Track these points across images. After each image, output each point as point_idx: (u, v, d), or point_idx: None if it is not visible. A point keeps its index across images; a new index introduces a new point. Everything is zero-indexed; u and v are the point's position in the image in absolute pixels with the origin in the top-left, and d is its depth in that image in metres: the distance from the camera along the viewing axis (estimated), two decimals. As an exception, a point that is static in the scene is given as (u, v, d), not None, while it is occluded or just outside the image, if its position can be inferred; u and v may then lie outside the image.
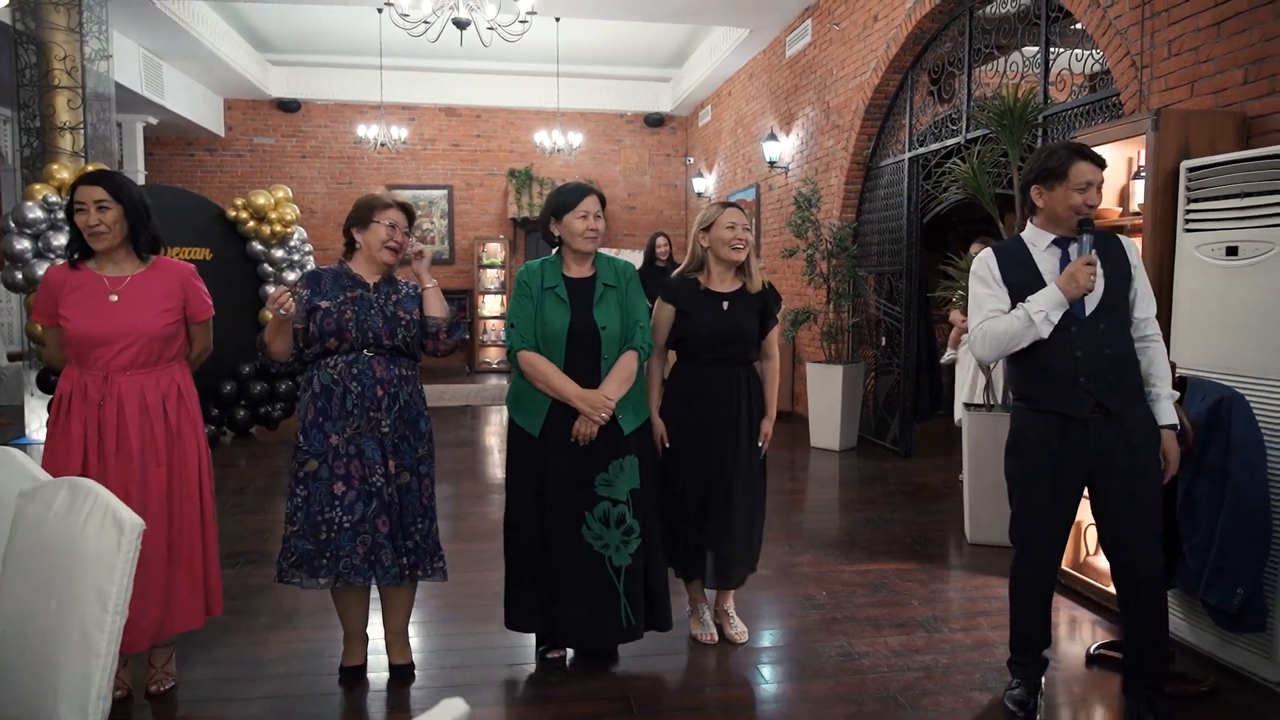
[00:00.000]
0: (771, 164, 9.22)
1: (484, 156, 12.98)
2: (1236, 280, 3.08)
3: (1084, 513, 3.73)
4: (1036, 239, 2.73)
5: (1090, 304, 2.61)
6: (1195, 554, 2.95)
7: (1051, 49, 5.08)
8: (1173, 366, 3.05)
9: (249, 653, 3.22)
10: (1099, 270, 2.60)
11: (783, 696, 3.00)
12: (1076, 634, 3.47)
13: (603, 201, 3.08)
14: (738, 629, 3.36)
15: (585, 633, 3.04)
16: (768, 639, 3.42)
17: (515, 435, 3.04)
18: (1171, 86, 3.84)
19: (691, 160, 13.06)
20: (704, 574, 3.26)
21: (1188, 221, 3.30)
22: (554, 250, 3.09)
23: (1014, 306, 2.65)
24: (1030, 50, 5.32)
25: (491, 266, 12.76)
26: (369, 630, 3.06)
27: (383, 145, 11.55)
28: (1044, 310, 2.57)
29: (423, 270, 2.93)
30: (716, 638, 3.33)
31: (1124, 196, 3.84)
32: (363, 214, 2.86)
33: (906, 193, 6.73)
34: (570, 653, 3.17)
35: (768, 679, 3.09)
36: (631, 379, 2.99)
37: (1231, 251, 3.10)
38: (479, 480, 6.25)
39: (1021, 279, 2.68)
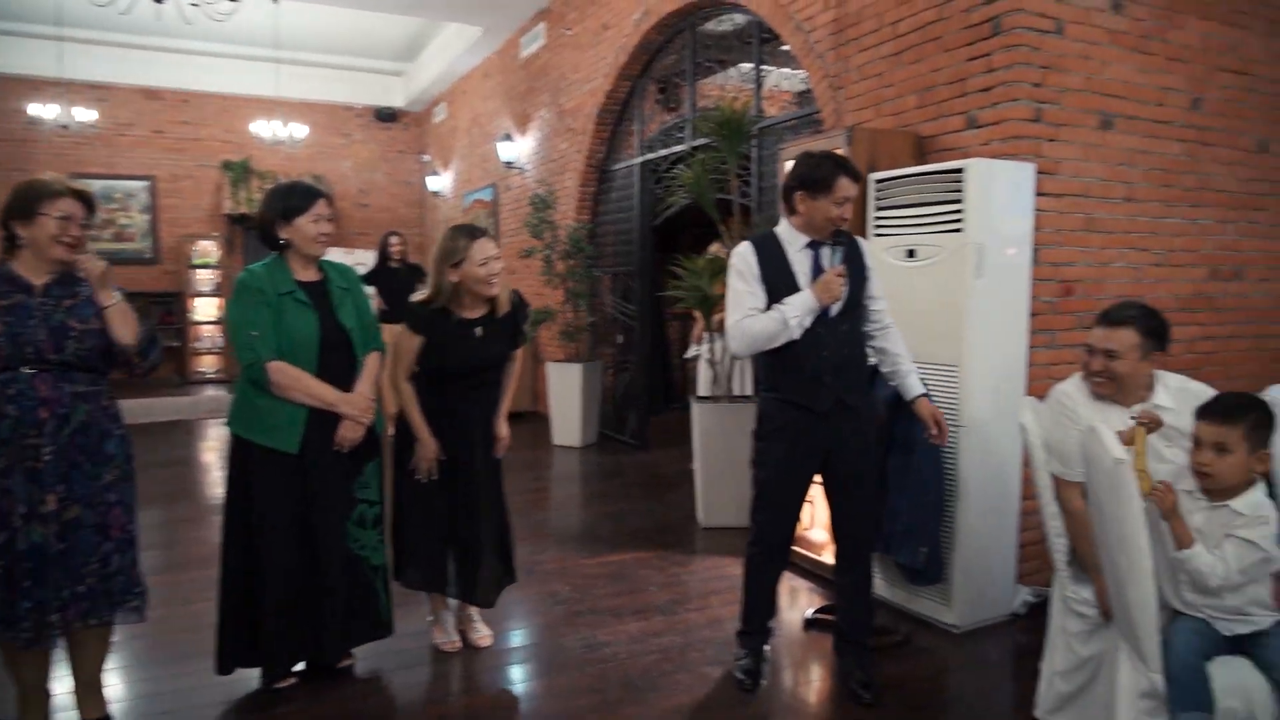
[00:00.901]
0: (509, 164, 9.21)
1: (193, 146, 11.78)
2: (915, 279, 3.51)
3: (799, 492, 4.08)
4: (792, 239, 2.84)
5: (836, 307, 2.82)
6: (889, 519, 3.34)
7: (764, 67, 5.51)
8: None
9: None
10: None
11: (530, 695, 3.00)
12: (795, 602, 3.79)
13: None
14: (482, 633, 3.32)
15: (349, 639, 2.99)
16: (513, 639, 3.42)
17: (259, 459, 2.78)
18: (862, 107, 4.31)
19: (427, 158, 12.74)
20: (455, 586, 3.20)
21: (876, 227, 3.71)
22: (275, 253, 2.87)
23: (769, 303, 2.79)
24: (746, 67, 5.74)
25: (204, 267, 11.57)
26: (52, 684, 2.63)
27: (64, 128, 10.14)
28: (799, 315, 2.74)
29: (97, 283, 2.45)
30: (460, 645, 3.27)
31: (825, 204, 4.25)
32: (25, 204, 2.40)
33: (638, 196, 7.01)
34: (294, 680, 2.97)
35: (514, 679, 3.09)
36: (376, 379, 2.96)
37: (911, 254, 3.53)
38: (194, 502, 5.68)
39: (777, 278, 2.81)
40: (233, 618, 2.85)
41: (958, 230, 3.33)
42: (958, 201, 3.33)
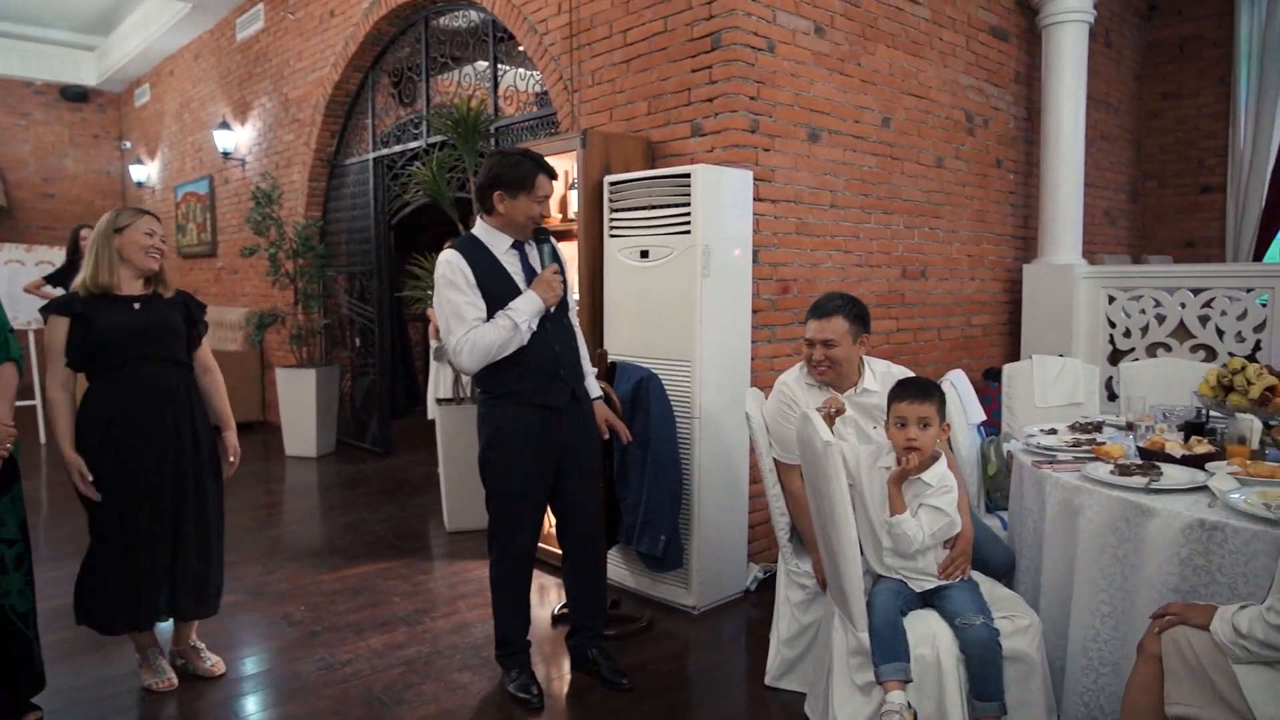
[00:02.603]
0: (226, 155, 8.47)
1: None
2: (649, 279, 3.66)
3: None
4: (495, 241, 2.79)
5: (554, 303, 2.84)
6: (630, 511, 3.45)
7: (502, 66, 5.48)
8: (605, 354, 3.52)
9: None
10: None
11: (259, 726, 2.78)
12: (545, 599, 3.81)
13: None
14: (211, 661, 3.03)
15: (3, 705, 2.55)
16: (242, 669, 3.14)
17: None
18: (596, 111, 4.41)
19: (129, 145, 11.40)
20: (164, 610, 2.87)
21: (611, 228, 3.82)
22: None
23: (489, 310, 2.71)
24: (482, 65, 5.68)
25: None
26: None
27: None
28: (527, 318, 2.71)
29: None
30: (176, 682, 2.95)
31: (564, 205, 4.31)
32: None
33: (373, 193, 6.71)
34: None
35: (243, 713, 2.84)
36: (14, 396, 2.60)
37: (644, 254, 3.67)
38: None
39: (493, 283, 2.73)
40: None
41: (686, 232, 3.51)
42: (686, 205, 3.51)
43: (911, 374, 2.70)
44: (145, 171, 10.80)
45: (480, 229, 2.84)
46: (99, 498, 2.71)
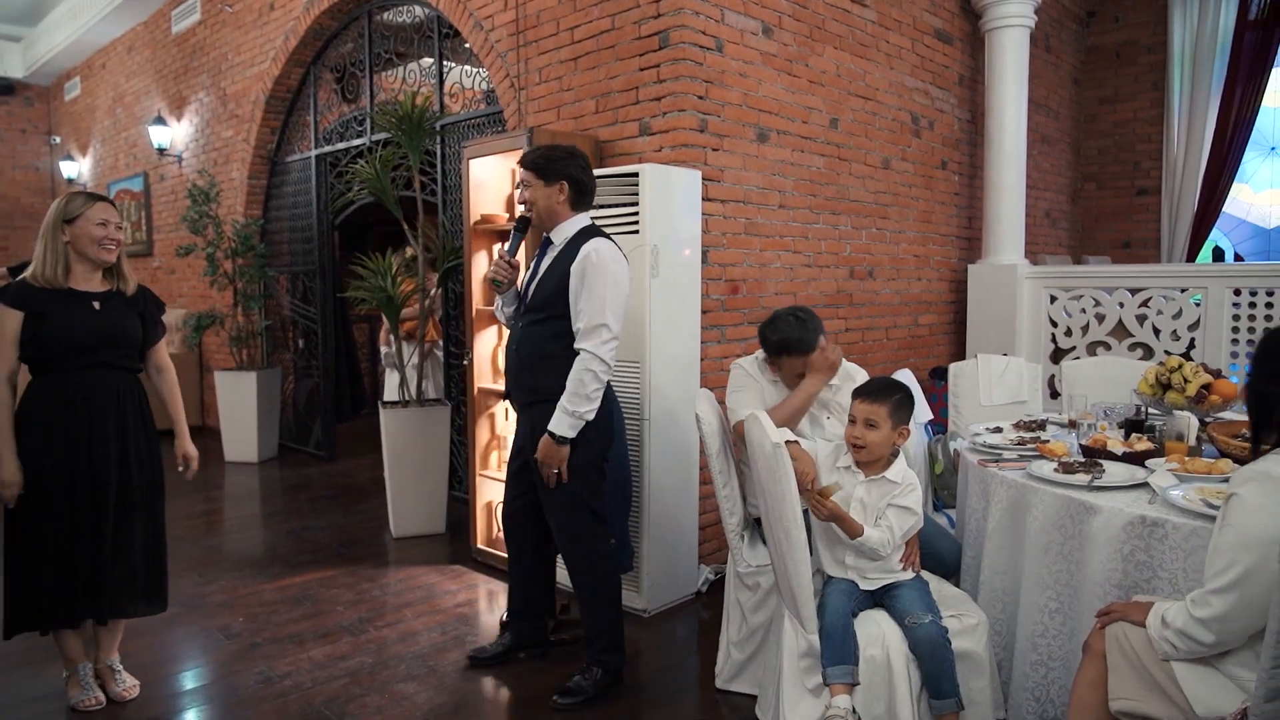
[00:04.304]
0: (161, 151, 8.21)
1: None
2: (598, 278, 3.60)
3: (494, 493, 4.05)
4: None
5: (522, 303, 2.91)
6: (580, 516, 3.40)
7: (447, 63, 5.39)
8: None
9: None
10: (533, 271, 2.92)
11: (194, 744, 2.67)
12: (493, 603, 3.74)
13: None
14: (126, 684, 2.88)
15: None
16: (175, 685, 3.02)
17: None
18: (544, 109, 4.36)
19: (58, 140, 11.00)
20: (85, 606, 2.73)
21: (560, 227, 3.76)
22: None
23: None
24: (427, 61, 5.58)
25: None
26: None
27: None
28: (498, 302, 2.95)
29: None
30: (104, 700, 2.82)
31: (510, 203, 4.24)
32: None
33: (316, 191, 6.56)
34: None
35: (175, 729, 2.73)
36: None
37: (593, 254, 3.62)
38: None
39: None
40: None
41: (635, 232, 3.48)
42: (634, 204, 3.47)
43: (865, 373, 2.85)
44: (76, 167, 10.42)
45: None
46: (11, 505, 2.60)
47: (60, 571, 2.67)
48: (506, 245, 2.92)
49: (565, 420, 2.71)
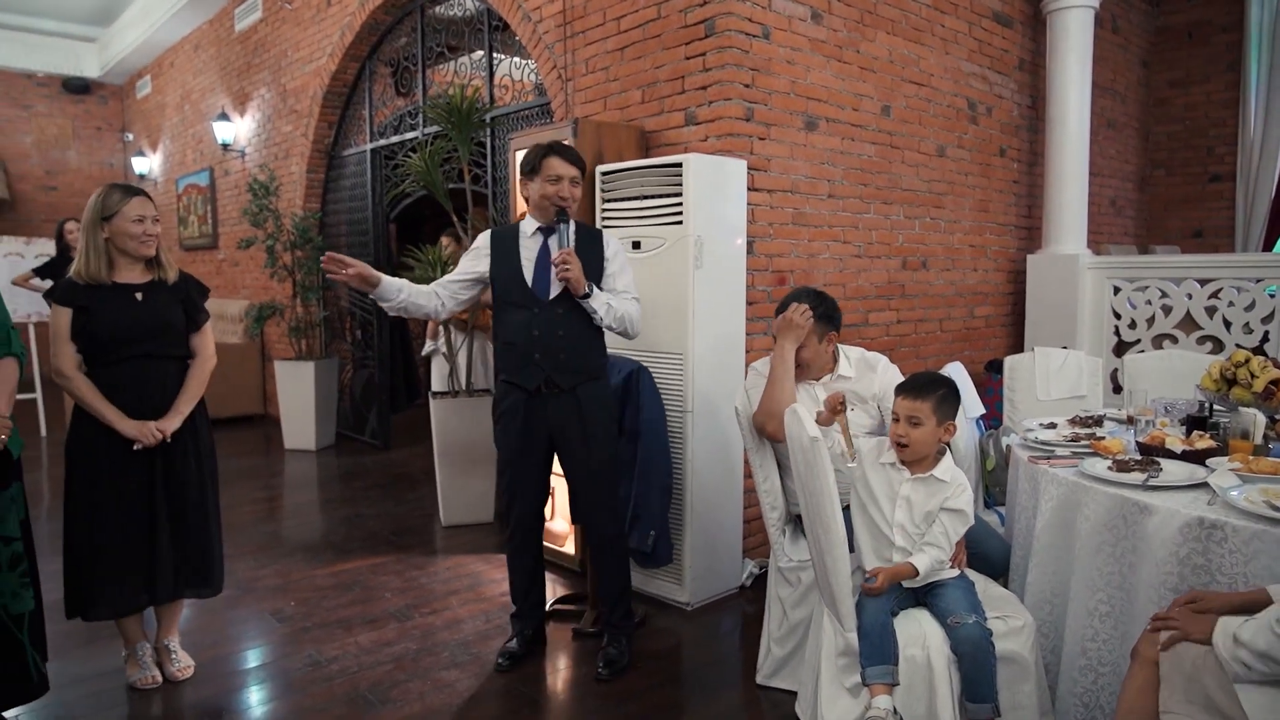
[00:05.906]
0: (225, 147, 8.44)
1: None
2: (641, 270, 3.58)
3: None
4: (525, 226, 2.97)
5: (555, 289, 2.86)
6: (620, 506, 3.39)
7: (497, 55, 5.41)
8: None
9: None
10: (539, 260, 2.91)
11: (243, 725, 2.75)
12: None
13: None
14: (181, 664, 2.98)
15: None
16: (229, 665, 3.11)
17: None
18: (590, 100, 4.35)
19: (130, 136, 11.38)
20: (145, 593, 2.84)
21: (603, 219, 3.76)
22: None
23: (493, 287, 2.96)
24: (478, 54, 5.62)
25: None
26: None
27: None
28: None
29: None
30: (160, 679, 2.92)
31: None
32: None
33: (371, 184, 6.67)
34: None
35: (227, 711, 2.80)
36: (15, 391, 2.51)
37: (636, 245, 3.61)
38: None
39: (503, 265, 2.93)
40: None
41: (679, 223, 3.45)
42: (678, 195, 3.44)
43: (883, 359, 2.87)
44: (147, 164, 10.77)
45: (525, 219, 3.01)
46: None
47: (115, 559, 2.76)
48: (563, 245, 2.82)
49: (601, 302, 2.87)
